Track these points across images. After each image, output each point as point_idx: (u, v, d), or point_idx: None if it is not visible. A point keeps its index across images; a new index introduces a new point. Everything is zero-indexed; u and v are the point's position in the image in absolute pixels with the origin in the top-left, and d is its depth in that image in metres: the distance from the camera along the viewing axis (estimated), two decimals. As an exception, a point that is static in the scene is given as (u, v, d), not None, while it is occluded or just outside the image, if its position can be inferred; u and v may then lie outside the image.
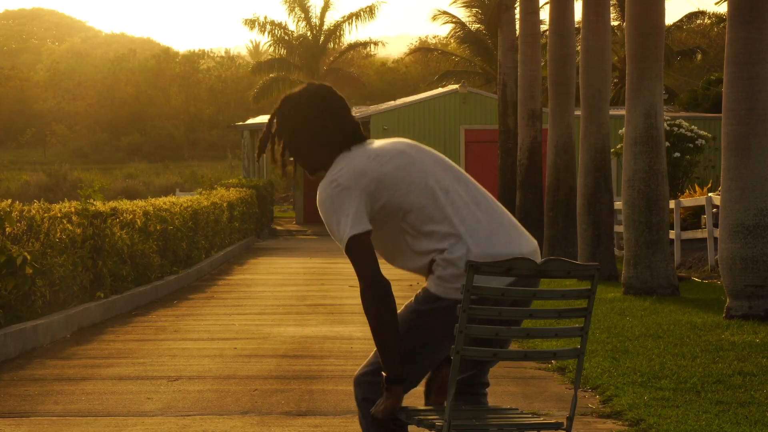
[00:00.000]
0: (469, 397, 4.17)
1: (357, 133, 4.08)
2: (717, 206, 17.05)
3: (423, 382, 4.15)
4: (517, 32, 25.01)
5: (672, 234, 17.98)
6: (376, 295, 3.83)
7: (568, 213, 18.64)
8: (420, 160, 4.02)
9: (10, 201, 10.59)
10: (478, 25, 44.74)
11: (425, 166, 4.01)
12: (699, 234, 18.44)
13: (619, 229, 18.40)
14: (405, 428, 3.97)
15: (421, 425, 3.86)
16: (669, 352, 8.87)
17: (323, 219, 3.94)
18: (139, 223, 14.50)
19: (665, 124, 18.77)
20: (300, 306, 13.60)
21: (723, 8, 37.42)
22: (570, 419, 3.95)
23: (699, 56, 44.31)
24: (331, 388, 7.71)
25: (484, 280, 3.78)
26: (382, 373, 3.89)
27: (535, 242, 4.03)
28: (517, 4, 25.00)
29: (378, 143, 4.09)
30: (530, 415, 4.07)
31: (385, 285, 3.85)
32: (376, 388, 3.98)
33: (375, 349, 4.05)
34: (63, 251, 11.28)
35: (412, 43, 76.02)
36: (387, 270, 3.98)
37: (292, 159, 4.24)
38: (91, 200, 12.93)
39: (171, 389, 7.74)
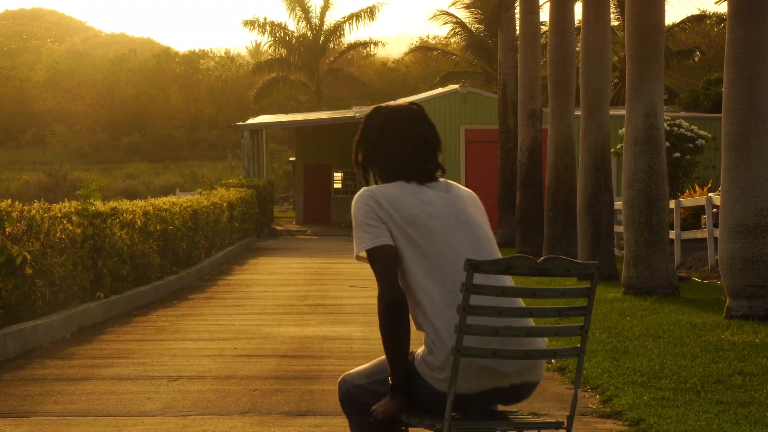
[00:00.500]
0: None
1: (417, 171, 4.05)
2: (717, 206, 17.05)
3: None
4: (517, 32, 25.02)
5: (672, 234, 17.98)
6: (388, 304, 3.85)
7: (568, 213, 18.64)
8: (453, 234, 3.93)
9: (10, 201, 10.59)
10: (479, 26, 44.75)
11: (452, 242, 3.92)
12: (699, 234, 18.44)
13: (619, 229, 18.40)
14: (406, 429, 3.98)
15: (422, 425, 3.87)
16: (669, 352, 8.87)
17: (352, 215, 3.98)
18: (139, 223, 14.51)
19: (665, 124, 18.76)
20: (300, 306, 13.60)
21: (723, 8, 37.41)
22: (570, 418, 3.95)
23: (698, 55, 44.29)
24: (331, 388, 7.70)
25: (475, 340, 3.76)
26: (388, 379, 3.92)
27: (542, 343, 3.92)
28: (517, 4, 25.01)
29: (434, 195, 4.00)
30: (530, 415, 4.07)
31: (398, 296, 3.85)
32: (356, 404, 4.04)
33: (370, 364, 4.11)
34: (63, 251, 11.28)
35: (412, 43, 76.03)
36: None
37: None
38: (91, 200, 12.94)
39: (171, 389, 7.74)
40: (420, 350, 3.92)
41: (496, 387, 3.84)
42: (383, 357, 3.99)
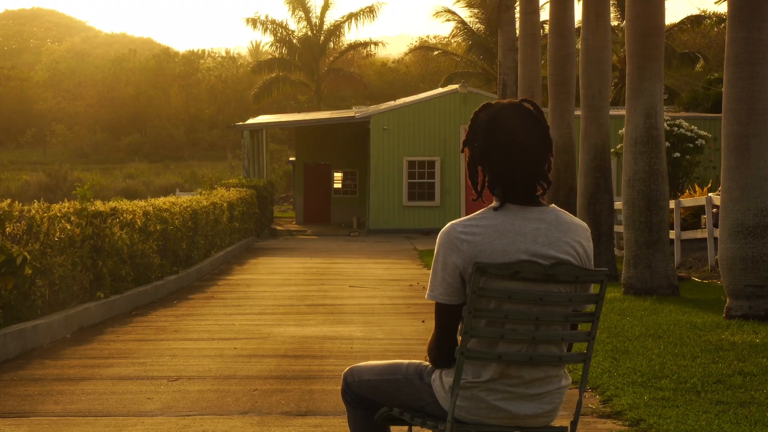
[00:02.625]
0: None
1: (515, 187, 3.68)
2: (717, 206, 17.05)
3: None
4: (518, 32, 25.02)
5: (672, 234, 17.98)
6: (434, 355, 3.83)
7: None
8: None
9: (10, 201, 10.59)
10: (480, 26, 44.79)
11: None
12: (699, 234, 18.44)
13: (619, 229, 18.39)
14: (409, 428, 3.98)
15: (425, 426, 3.86)
16: (669, 352, 8.87)
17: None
18: (139, 223, 14.51)
19: (665, 124, 18.75)
20: (300, 306, 13.60)
21: (723, 8, 37.40)
22: (574, 424, 3.95)
23: (701, 64, 44.20)
24: (331, 388, 7.71)
25: (474, 371, 3.74)
26: (397, 380, 3.92)
27: (549, 407, 3.86)
28: (517, 4, 25.01)
29: (534, 227, 3.69)
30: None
31: (442, 355, 3.79)
32: (358, 398, 4.01)
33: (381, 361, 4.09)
34: (63, 251, 11.28)
35: (412, 43, 76.06)
36: (390, 270, 3.96)
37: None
38: (90, 200, 12.94)
39: (171, 389, 7.74)
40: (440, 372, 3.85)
41: (501, 425, 3.79)
42: (396, 361, 3.99)
